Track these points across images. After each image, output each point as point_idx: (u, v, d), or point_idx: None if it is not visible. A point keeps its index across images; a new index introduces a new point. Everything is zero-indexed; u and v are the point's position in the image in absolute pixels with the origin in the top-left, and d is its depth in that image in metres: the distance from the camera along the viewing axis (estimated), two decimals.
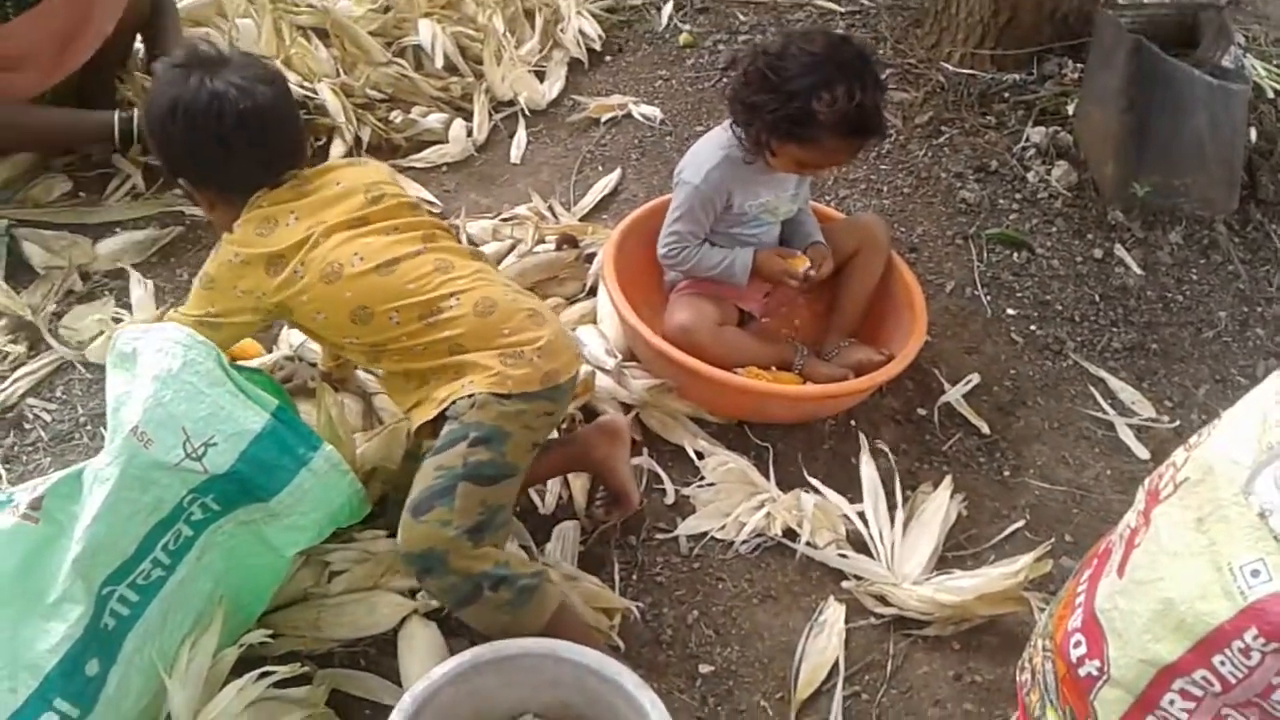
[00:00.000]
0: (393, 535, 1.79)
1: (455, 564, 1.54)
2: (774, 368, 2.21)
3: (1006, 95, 2.93)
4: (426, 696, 1.45)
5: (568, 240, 2.46)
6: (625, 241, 2.26)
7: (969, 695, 1.80)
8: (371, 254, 1.64)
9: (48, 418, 2.04)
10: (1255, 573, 1.15)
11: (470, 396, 1.60)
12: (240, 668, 1.55)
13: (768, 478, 2.05)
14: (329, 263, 1.62)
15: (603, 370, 2.12)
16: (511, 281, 1.79)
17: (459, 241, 1.84)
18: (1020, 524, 2.08)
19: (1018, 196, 2.74)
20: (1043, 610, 1.85)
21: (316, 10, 2.86)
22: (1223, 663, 1.21)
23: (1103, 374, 2.41)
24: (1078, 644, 1.45)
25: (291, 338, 2.13)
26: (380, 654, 1.72)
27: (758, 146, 2.07)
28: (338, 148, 2.72)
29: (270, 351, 2.10)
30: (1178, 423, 2.33)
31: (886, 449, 2.16)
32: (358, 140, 2.76)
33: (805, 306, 2.40)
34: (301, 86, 2.75)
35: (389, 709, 1.43)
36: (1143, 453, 2.26)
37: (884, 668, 1.82)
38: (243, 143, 1.63)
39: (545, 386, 1.63)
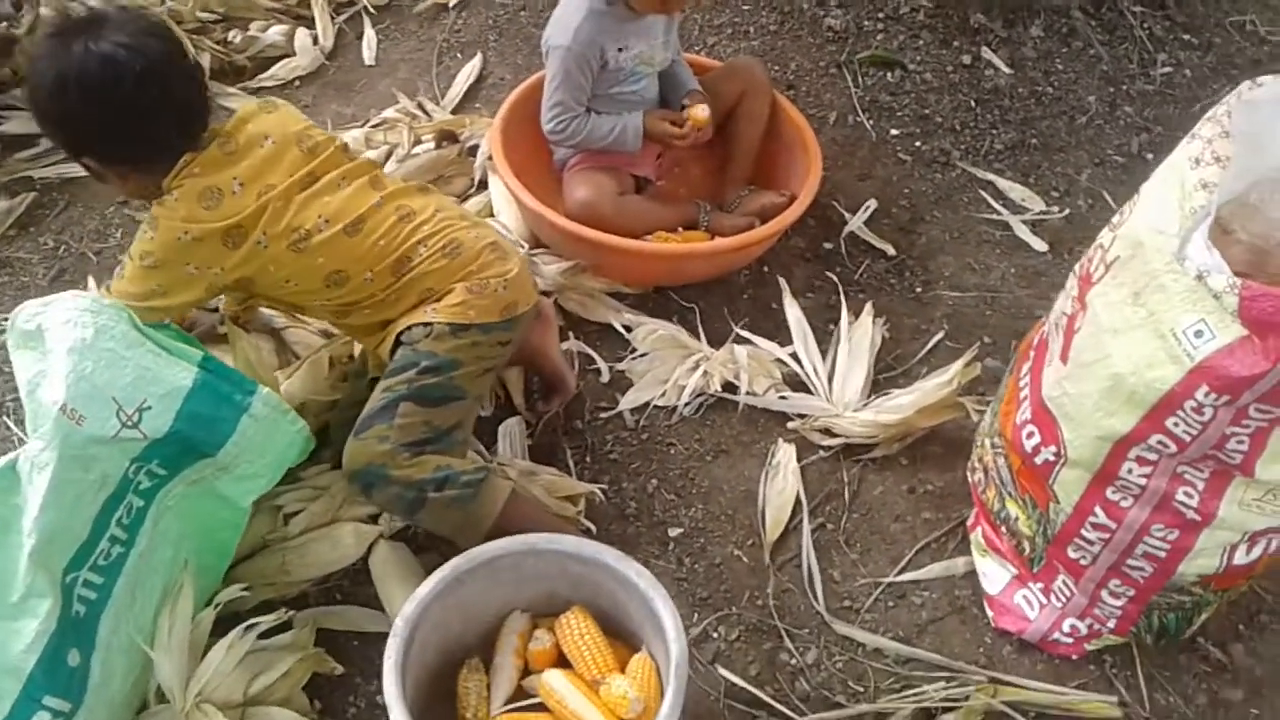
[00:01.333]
0: (338, 466, 1.77)
1: (394, 474, 1.54)
2: (680, 229, 2.20)
3: None
4: (417, 616, 1.44)
5: (447, 136, 2.38)
6: (509, 127, 2.19)
7: (925, 504, 1.88)
8: (335, 214, 1.59)
9: None
10: (1198, 333, 1.21)
11: (427, 325, 1.60)
12: (218, 628, 1.52)
13: (698, 337, 2.06)
14: (294, 229, 1.56)
15: None
16: (467, 211, 1.76)
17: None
18: (940, 335, 2.14)
19: (881, 15, 2.74)
20: (981, 412, 1.93)
21: None
22: (1176, 424, 1.28)
23: (990, 177, 2.46)
24: (1030, 435, 1.52)
25: None
26: (354, 585, 1.70)
27: None
28: None
29: None
30: (1067, 211, 2.41)
31: (803, 287, 2.18)
32: (200, 68, 2.59)
33: (697, 162, 2.38)
34: None
35: (376, 636, 1.43)
36: (1041, 246, 2.33)
37: (842, 496, 1.88)
38: (148, 105, 1.49)
39: (504, 318, 1.65)
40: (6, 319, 1.47)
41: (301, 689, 1.56)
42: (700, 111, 2.15)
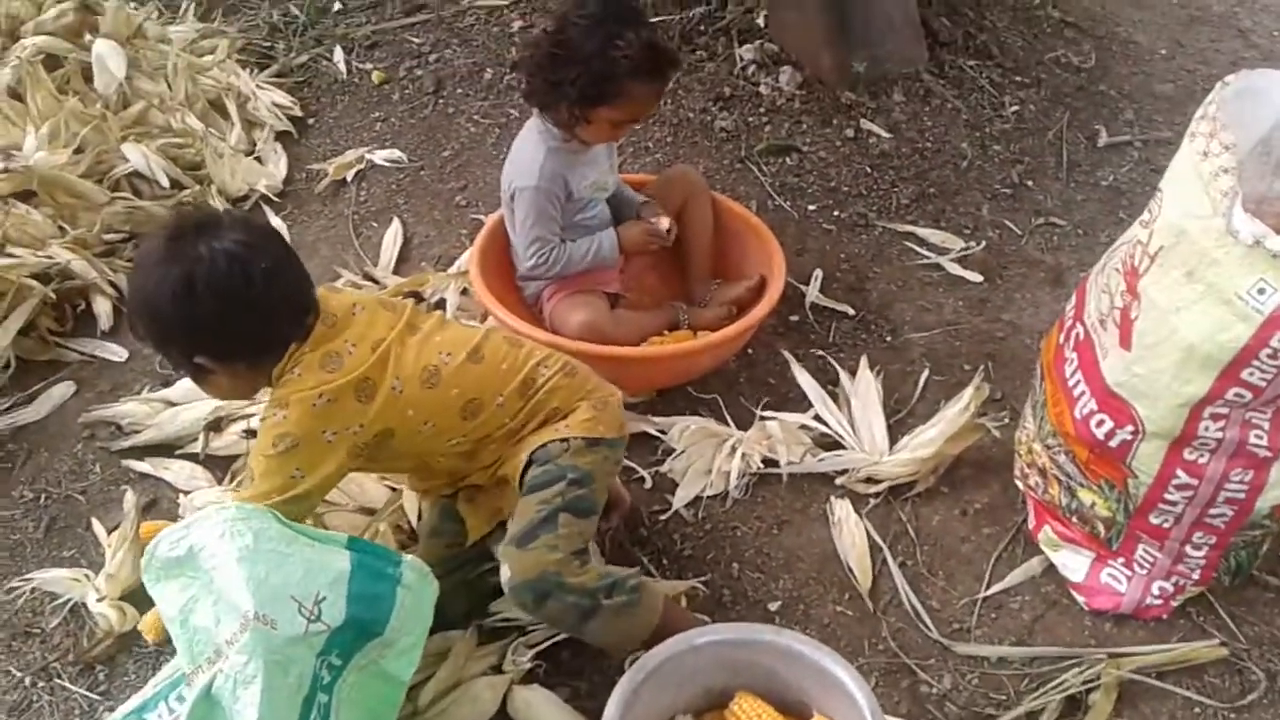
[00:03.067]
0: (437, 630, 1.74)
1: (570, 581, 1.55)
2: (665, 332, 2.30)
3: (702, 28, 3.15)
4: None
5: (413, 296, 2.41)
6: (485, 272, 2.24)
7: (981, 520, 2.02)
8: (454, 345, 1.64)
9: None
10: (1260, 290, 1.40)
11: (564, 441, 1.64)
12: None
13: (725, 424, 2.16)
14: (423, 368, 1.59)
15: None
16: None
17: None
18: (926, 372, 2.31)
19: (762, 110, 2.97)
20: (998, 425, 2.09)
21: (14, 173, 2.56)
22: (1251, 373, 1.47)
23: (908, 228, 2.70)
24: (1100, 423, 1.68)
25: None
26: None
27: (571, 121, 2.12)
28: (102, 305, 2.48)
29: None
30: (984, 243, 2.66)
31: (792, 359, 2.32)
32: (117, 289, 2.52)
33: (652, 270, 2.50)
34: (36, 256, 2.46)
35: None
36: (975, 277, 2.57)
37: (908, 533, 2.00)
38: (275, 301, 1.49)
39: (620, 435, 1.73)
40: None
41: None
42: (663, 222, 2.29)
